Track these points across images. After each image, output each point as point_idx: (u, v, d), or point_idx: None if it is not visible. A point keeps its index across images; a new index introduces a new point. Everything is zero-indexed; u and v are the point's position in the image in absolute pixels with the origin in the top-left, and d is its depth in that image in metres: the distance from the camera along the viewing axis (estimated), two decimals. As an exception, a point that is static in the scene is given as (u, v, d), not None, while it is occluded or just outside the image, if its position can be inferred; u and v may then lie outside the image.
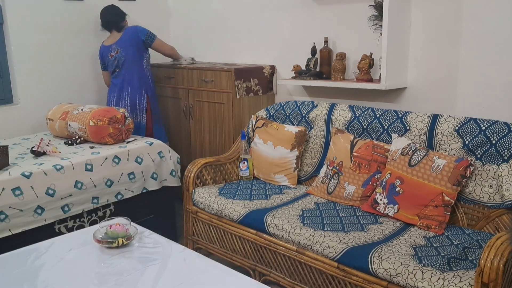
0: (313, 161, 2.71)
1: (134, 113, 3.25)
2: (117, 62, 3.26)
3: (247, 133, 2.89)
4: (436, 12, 2.45)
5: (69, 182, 2.40)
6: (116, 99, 3.28)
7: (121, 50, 3.23)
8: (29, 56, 3.27)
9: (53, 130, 3.05)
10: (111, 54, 3.27)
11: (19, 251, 1.83)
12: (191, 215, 2.61)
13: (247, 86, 3.12)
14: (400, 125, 2.37)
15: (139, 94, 3.26)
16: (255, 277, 2.26)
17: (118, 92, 3.28)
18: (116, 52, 3.24)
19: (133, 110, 3.25)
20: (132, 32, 3.26)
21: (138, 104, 3.26)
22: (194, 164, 2.64)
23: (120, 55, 3.24)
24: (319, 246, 1.96)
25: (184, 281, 1.57)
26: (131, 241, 1.85)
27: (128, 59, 3.24)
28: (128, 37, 3.24)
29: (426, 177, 2.06)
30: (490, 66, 2.29)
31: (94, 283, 1.58)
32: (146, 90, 3.29)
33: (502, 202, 1.97)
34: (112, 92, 3.33)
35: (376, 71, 2.64)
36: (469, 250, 1.82)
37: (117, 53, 3.24)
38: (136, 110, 3.26)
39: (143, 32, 3.26)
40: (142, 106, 3.27)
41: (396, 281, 1.71)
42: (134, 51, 3.25)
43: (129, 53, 3.24)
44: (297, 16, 3.10)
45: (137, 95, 3.26)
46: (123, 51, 3.23)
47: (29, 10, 3.24)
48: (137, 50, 3.26)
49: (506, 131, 2.03)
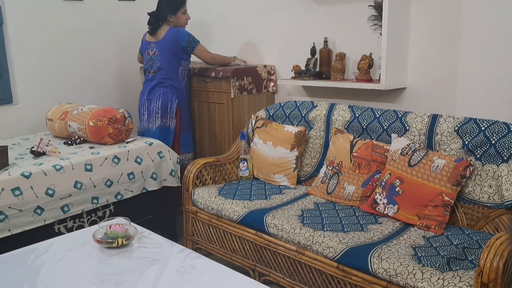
0: (313, 161, 2.71)
1: (165, 116, 3.15)
2: (152, 63, 3.18)
3: (246, 133, 2.89)
4: (436, 12, 2.45)
5: (69, 182, 2.40)
6: (147, 102, 3.19)
7: (158, 53, 3.13)
8: (29, 56, 3.27)
9: (52, 130, 3.05)
10: (148, 52, 3.19)
11: (19, 251, 1.82)
12: (190, 215, 2.61)
13: (241, 85, 3.11)
14: (400, 125, 2.37)
15: (170, 99, 3.14)
16: (254, 277, 2.26)
17: (150, 95, 3.19)
18: (153, 52, 3.16)
19: (163, 114, 3.15)
20: (174, 36, 3.11)
21: (169, 108, 3.15)
22: (193, 164, 2.64)
23: (156, 59, 3.15)
24: (318, 246, 1.96)
25: (184, 281, 1.57)
26: (130, 241, 1.84)
27: (164, 64, 3.14)
28: (168, 41, 3.11)
29: (426, 177, 2.06)
30: (490, 66, 2.30)
31: (94, 283, 1.58)
32: (178, 97, 3.17)
33: (502, 202, 1.97)
34: (143, 94, 3.25)
35: (376, 71, 2.64)
36: (468, 250, 1.82)
37: (154, 54, 3.15)
38: (167, 114, 3.16)
39: (184, 38, 3.11)
40: (172, 111, 3.15)
41: (395, 281, 1.71)
42: (172, 58, 3.13)
43: (165, 59, 3.13)
44: (297, 16, 3.10)
45: (168, 99, 3.14)
46: (160, 55, 3.13)
47: (29, 10, 3.24)
48: (174, 57, 3.14)
49: (506, 131, 2.03)
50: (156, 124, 3.16)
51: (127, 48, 3.79)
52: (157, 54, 3.15)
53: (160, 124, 3.15)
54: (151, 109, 3.18)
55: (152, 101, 3.17)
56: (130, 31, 3.79)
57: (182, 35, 3.12)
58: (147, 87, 3.22)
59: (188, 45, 3.13)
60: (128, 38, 3.79)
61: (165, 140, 3.04)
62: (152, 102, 3.17)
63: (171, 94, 3.15)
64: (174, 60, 3.15)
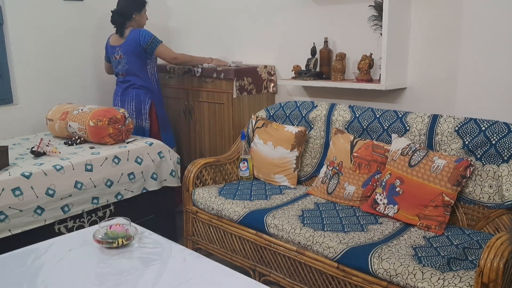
0: (313, 161, 2.71)
1: (139, 117, 3.18)
2: (121, 67, 3.20)
3: (247, 133, 2.89)
4: (436, 12, 2.45)
5: (69, 182, 2.40)
6: (121, 103, 3.22)
7: (124, 56, 3.15)
8: (29, 56, 3.27)
9: (53, 131, 3.05)
10: (115, 56, 3.21)
11: (19, 251, 1.82)
12: (191, 215, 2.61)
13: (241, 85, 3.11)
14: (400, 125, 2.37)
15: (143, 100, 3.18)
16: (255, 277, 2.26)
17: (123, 97, 3.21)
18: (119, 56, 3.17)
19: (138, 115, 3.18)
20: (135, 37, 3.11)
21: (142, 109, 3.18)
22: (194, 165, 2.64)
23: (124, 62, 3.16)
24: (319, 246, 1.96)
25: (184, 281, 1.57)
26: (131, 241, 1.84)
27: (132, 67, 3.16)
28: (130, 43, 3.12)
29: (426, 177, 2.06)
30: (490, 66, 2.29)
31: (94, 283, 1.58)
32: (151, 96, 3.21)
33: (502, 203, 1.97)
34: (116, 95, 3.27)
35: (376, 71, 2.64)
36: (469, 251, 1.82)
37: (120, 58, 3.17)
38: (141, 115, 3.19)
39: (144, 39, 3.10)
40: (145, 112, 3.18)
41: (396, 282, 1.71)
42: (137, 60, 3.15)
43: (132, 62, 3.15)
44: (297, 16, 3.10)
45: (141, 101, 3.18)
46: (126, 58, 3.15)
47: (29, 10, 3.24)
48: (139, 58, 3.15)
49: (506, 131, 2.03)
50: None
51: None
52: (123, 57, 3.16)
53: (134, 124, 3.13)
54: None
55: (126, 103, 3.20)
56: (130, 31, 3.79)
57: (143, 36, 3.10)
58: (120, 88, 3.25)
59: (148, 46, 3.11)
60: (128, 38, 3.79)
61: None
62: (125, 103, 3.20)
63: (143, 96, 3.18)
64: (139, 61, 3.16)
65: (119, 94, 3.25)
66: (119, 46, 3.18)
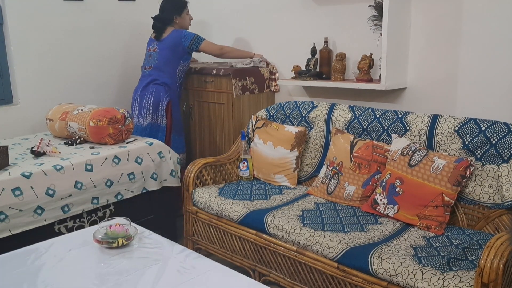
0: (313, 162, 2.71)
1: (156, 114, 3.16)
2: (151, 60, 3.19)
3: (247, 133, 2.89)
4: (436, 12, 2.45)
5: (69, 182, 2.40)
6: (140, 98, 3.20)
7: (158, 50, 3.16)
8: (29, 56, 3.27)
9: (53, 130, 3.05)
10: (150, 48, 3.22)
11: (19, 251, 1.82)
12: (191, 215, 2.61)
13: (243, 85, 3.12)
14: (400, 125, 2.37)
15: (162, 96, 3.14)
16: (255, 277, 2.26)
17: (143, 92, 3.19)
18: (154, 49, 3.17)
19: (155, 111, 3.15)
20: (177, 36, 3.14)
21: (160, 106, 3.15)
22: (194, 164, 2.64)
23: (155, 55, 3.16)
24: (319, 246, 1.96)
25: (184, 281, 1.57)
26: (131, 241, 1.84)
27: (161, 62, 3.16)
28: (170, 40, 3.14)
29: (426, 177, 2.06)
30: (490, 66, 2.30)
31: (94, 283, 1.58)
32: (170, 95, 3.17)
33: (502, 203, 1.97)
34: (136, 90, 3.26)
35: (376, 71, 2.64)
36: (469, 251, 1.82)
37: (154, 50, 3.17)
38: (158, 112, 3.16)
39: (187, 38, 3.13)
40: (162, 108, 3.14)
41: (396, 282, 1.71)
42: (170, 56, 3.15)
43: (163, 57, 3.15)
44: (297, 16, 3.10)
45: (160, 96, 3.14)
46: (159, 53, 3.15)
47: (29, 10, 3.24)
48: (174, 56, 3.15)
49: (506, 131, 2.03)
50: (146, 121, 3.17)
51: (127, 48, 3.80)
52: (156, 50, 3.17)
53: (150, 121, 3.16)
54: (143, 105, 3.19)
55: (145, 97, 3.18)
56: (130, 31, 3.80)
57: (185, 36, 3.14)
58: (141, 84, 3.24)
59: (192, 43, 3.14)
60: (128, 38, 3.79)
61: (155, 138, 3.05)
62: (144, 98, 3.18)
63: (163, 92, 3.15)
64: (172, 59, 3.16)
65: (139, 89, 3.23)
66: (157, 41, 3.19)
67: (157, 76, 3.17)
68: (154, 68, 3.19)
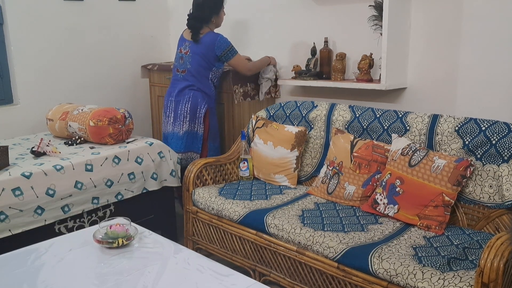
0: (313, 161, 2.71)
1: (193, 121, 3.00)
2: (183, 64, 3.02)
3: (247, 133, 2.89)
4: (436, 12, 2.45)
5: (69, 182, 2.40)
6: (175, 104, 3.03)
7: (190, 54, 2.98)
8: (29, 56, 3.27)
9: (53, 130, 3.05)
10: (182, 49, 3.03)
11: (19, 251, 1.82)
12: (191, 215, 2.61)
13: (244, 91, 3.11)
14: (400, 125, 2.37)
15: (200, 103, 2.99)
16: (255, 277, 2.26)
17: (178, 97, 3.02)
18: (186, 52, 3.00)
19: (192, 118, 3.00)
20: (211, 42, 2.94)
21: (198, 113, 3.00)
22: (194, 164, 2.64)
23: (187, 60, 2.99)
24: (319, 246, 1.96)
25: (184, 281, 1.57)
26: (131, 241, 1.84)
27: (194, 67, 2.98)
28: (203, 46, 2.95)
29: (426, 177, 2.06)
30: (490, 66, 2.30)
31: (94, 283, 1.58)
32: (208, 102, 3.02)
33: (502, 202, 1.97)
34: (169, 95, 3.08)
35: (376, 71, 2.64)
36: (469, 250, 1.82)
37: (186, 53, 2.99)
38: (195, 119, 3.01)
39: (220, 47, 2.94)
40: (200, 116, 3.00)
41: (396, 281, 1.71)
42: (202, 63, 2.97)
43: (196, 63, 2.97)
44: (297, 16, 3.10)
45: (198, 103, 2.99)
46: (191, 57, 2.97)
47: (29, 10, 3.23)
48: (206, 62, 2.97)
49: (506, 131, 2.03)
50: (183, 129, 3.02)
51: (127, 48, 3.80)
52: (189, 54, 2.99)
53: (187, 129, 3.01)
54: (179, 112, 3.02)
55: (180, 104, 3.01)
56: (130, 31, 3.79)
57: (219, 43, 2.95)
58: (175, 88, 3.06)
59: (224, 54, 2.96)
60: (128, 38, 3.79)
61: (193, 147, 2.99)
62: (180, 104, 3.01)
63: (201, 98, 3.00)
64: (204, 65, 2.99)
65: (174, 94, 3.05)
66: (189, 42, 3.00)
67: (192, 81, 3.00)
68: (188, 72, 3.01)
